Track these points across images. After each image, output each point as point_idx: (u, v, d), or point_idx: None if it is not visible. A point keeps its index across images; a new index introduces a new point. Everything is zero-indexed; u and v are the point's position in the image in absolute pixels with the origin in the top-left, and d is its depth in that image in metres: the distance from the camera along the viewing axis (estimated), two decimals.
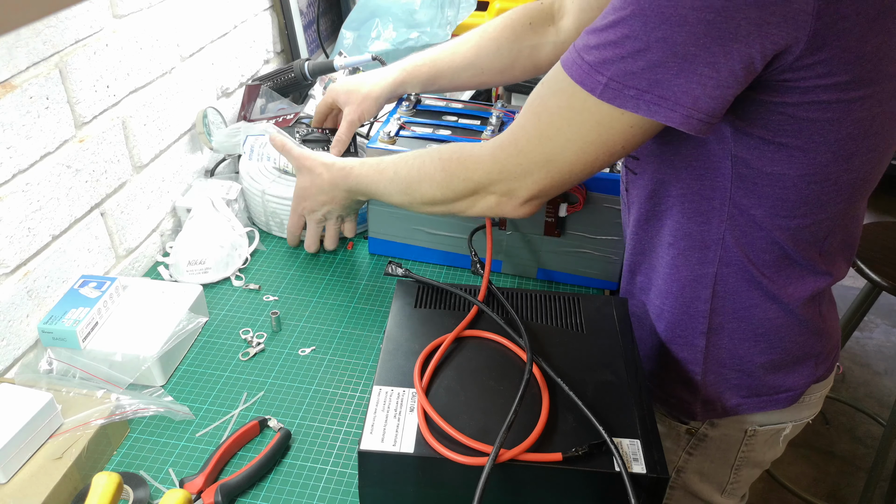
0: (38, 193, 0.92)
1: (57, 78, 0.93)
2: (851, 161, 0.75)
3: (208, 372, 0.96)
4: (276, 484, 0.81)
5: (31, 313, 0.93)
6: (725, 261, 0.84)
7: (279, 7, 1.57)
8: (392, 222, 1.17)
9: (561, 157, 0.79)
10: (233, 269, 1.14)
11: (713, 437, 0.98)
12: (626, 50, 0.67)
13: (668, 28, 0.64)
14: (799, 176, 0.76)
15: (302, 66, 1.44)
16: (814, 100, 0.70)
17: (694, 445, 1.00)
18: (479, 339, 0.86)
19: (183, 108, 1.24)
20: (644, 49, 0.66)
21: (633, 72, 0.67)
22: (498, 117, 1.17)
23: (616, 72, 0.68)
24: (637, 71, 0.67)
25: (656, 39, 0.65)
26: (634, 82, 0.68)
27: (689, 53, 0.65)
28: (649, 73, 0.67)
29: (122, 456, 0.84)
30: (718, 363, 0.91)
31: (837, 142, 0.73)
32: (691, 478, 1.03)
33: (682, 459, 1.02)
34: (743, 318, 0.88)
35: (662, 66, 0.66)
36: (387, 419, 0.75)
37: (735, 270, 0.84)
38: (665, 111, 0.68)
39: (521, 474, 0.71)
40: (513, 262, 1.16)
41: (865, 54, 0.67)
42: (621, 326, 0.89)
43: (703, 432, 0.98)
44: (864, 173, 0.78)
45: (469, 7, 1.60)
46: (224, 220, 1.16)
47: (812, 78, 0.68)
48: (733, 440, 0.98)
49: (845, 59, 0.66)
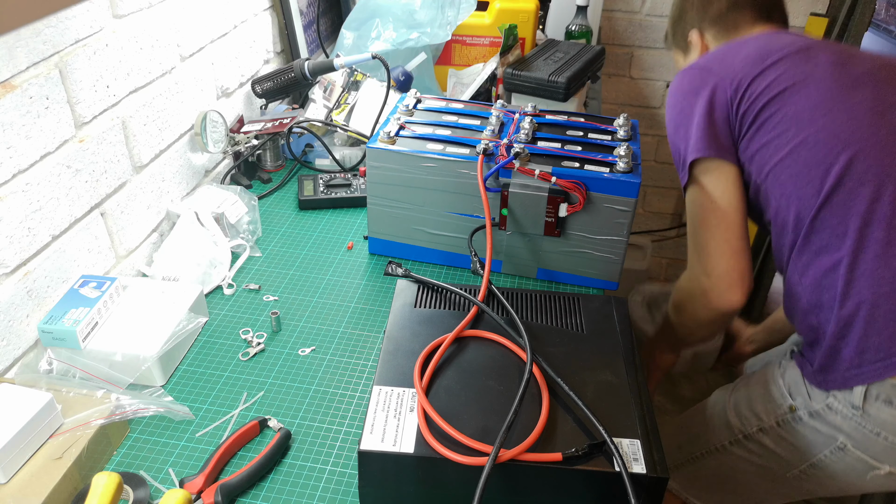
0: (38, 193, 0.92)
1: (57, 78, 0.93)
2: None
3: (208, 372, 0.96)
4: (276, 484, 0.81)
5: (31, 313, 0.93)
6: None
7: (279, 7, 1.57)
8: (392, 222, 1.17)
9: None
10: (210, 287, 1.11)
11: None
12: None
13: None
14: None
15: (302, 66, 1.44)
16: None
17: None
18: (479, 340, 0.86)
19: (183, 108, 1.24)
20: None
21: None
22: (498, 117, 1.17)
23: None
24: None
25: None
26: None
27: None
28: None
29: (122, 456, 0.84)
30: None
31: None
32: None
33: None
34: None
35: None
36: (387, 419, 0.75)
37: None
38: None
39: (521, 474, 0.71)
40: (513, 262, 1.16)
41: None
42: (621, 326, 0.89)
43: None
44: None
45: (469, 7, 1.60)
46: (207, 235, 1.14)
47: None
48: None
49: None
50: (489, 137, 1.12)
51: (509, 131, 1.15)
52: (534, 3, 1.65)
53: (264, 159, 1.44)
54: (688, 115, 1.10)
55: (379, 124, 1.44)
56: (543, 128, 1.18)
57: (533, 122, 1.16)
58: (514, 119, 1.19)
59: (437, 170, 1.09)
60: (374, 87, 1.52)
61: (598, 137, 1.16)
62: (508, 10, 1.64)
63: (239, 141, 1.38)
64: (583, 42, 1.65)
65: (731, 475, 1.20)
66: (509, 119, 1.19)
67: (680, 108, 1.12)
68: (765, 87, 1.05)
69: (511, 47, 1.56)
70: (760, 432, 1.13)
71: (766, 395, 1.13)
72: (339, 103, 1.51)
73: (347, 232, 1.28)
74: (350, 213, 1.33)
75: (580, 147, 1.12)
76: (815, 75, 1.04)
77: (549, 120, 1.21)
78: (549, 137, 1.15)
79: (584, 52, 1.53)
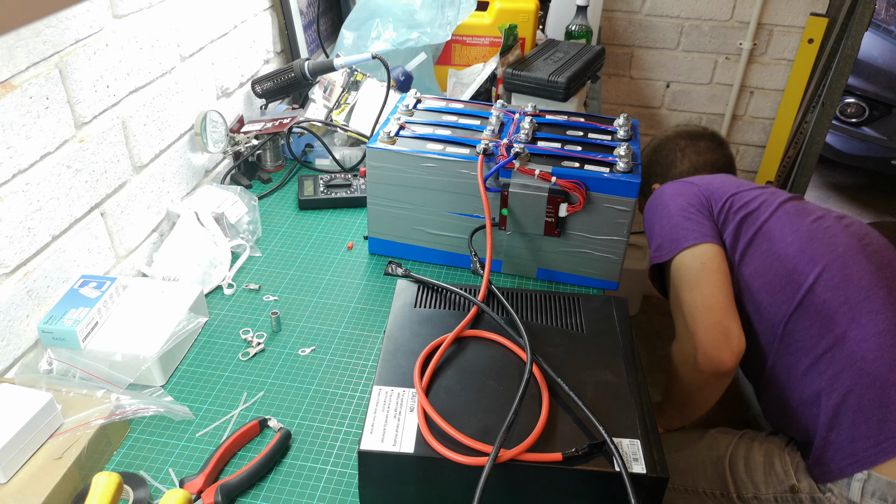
0: (38, 193, 0.92)
1: (57, 78, 0.93)
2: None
3: (208, 372, 0.96)
4: (276, 484, 0.81)
5: (31, 313, 0.93)
6: None
7: (279, 7, 1.57)
8: (392, 222, 1.17)
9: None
10: (210, 287, 1.11)
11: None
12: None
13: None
14: None
15: (302, 66, 1.44)
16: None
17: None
18: (479, 340, 0.86)
19: (183, 108, 1.24)
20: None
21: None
22: (498, 117, 1.17)
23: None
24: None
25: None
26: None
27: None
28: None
29: (122, 456, 0.84)
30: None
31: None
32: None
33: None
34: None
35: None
36: (387, 419, 0.75)
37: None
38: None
39: (521, 474, 0.71)
40: (513, 262, 1.16)
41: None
42: (621, 326, 0.89)
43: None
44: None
45: (469, 7, 1.60)
46: (207, 235, 1.14)
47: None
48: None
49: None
50: (489, 137, 1.12)
51: (509, 131, 1.15)
52: (534, 3, 1.65)
53: (264, 159, 1.44)
54: (676, 211, 1.24)
55: (379, 124, 1.44)
56: (543, 128, 1.18)
57: (533, 122, 1.16)
58: (514, 119, 1.19)
59: (437, 170, 1.09)
60: (374, 87, 1.52)
61: (598, 137, 1.16)
62: (508, 10, 1.64)
63: (239, 141, 1.38)
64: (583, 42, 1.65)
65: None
66: (509, 119, 1.19)
67: (664, 206, 1.27)
68: (742, 203, 1.23)
69: (511, 47, 1.56)
70: (755, 500, 1.14)
71: (768, 467, 1.14)
72: (339, 103, 1.51)
73: (347, 232, 1.28)
74: (350, 213, 1.33)
75: (580, 147, 1.12)
76: (779, 203, 1.22)
77: (549, 120, 1.21)
78: (549, 137, 1.15)
79: (584, 52, 1.53)
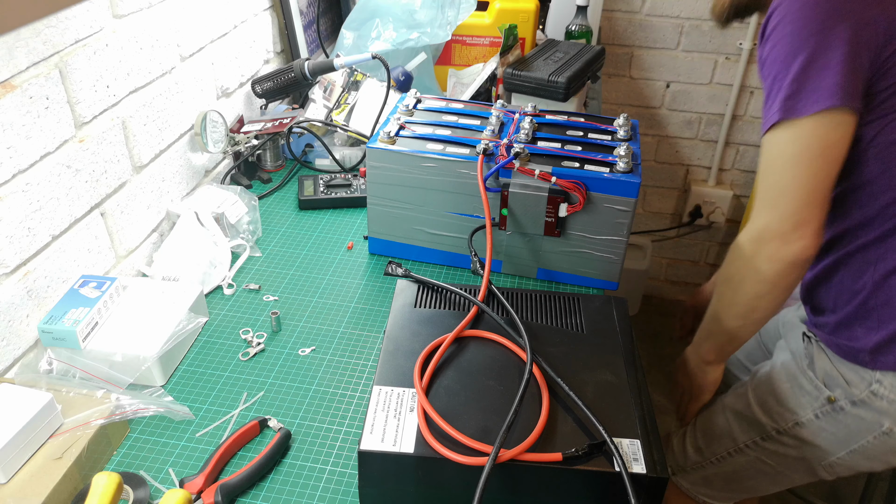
0: (38, 193, 0.92)
1: (57, 78, 0.93)
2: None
3: (208, 372, 0.96)
4: (276, 484, 0.81)
5: (31, 313, 0.93)
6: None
7: (279, 7, 1.57)
8: (392, 222, 1.17)
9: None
10: (210, 287, 1.11)
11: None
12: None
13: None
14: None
15: (302, 66, 1.44)
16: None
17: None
18: (479, 340, 0.86)
19: (183, 108, 1.24)
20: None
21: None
22: (498, 117, 1.17)
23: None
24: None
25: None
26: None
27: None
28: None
29: (122, 456, 0.84)
30: None
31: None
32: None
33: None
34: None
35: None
36: (387, 419, 0.75)
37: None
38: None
39: (521, 474, 0.72)
40: (513, 262, 1.16)
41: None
42: (621, 326, 0.89)
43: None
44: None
45: (469, 7, 1.60)
46: (207, 235, 1.14)
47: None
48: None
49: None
50: (489, 137, 1.12)
51: (509, 131, 1.15)
52: (534, 3, 1.65)
53: (264, 159, 1.44)
54: (815, 49, 0.92)
55: (379, 124, 1.44)
56: (543, 128, 1.18)
57: (533, 122, 1.16)
58: (514, 119, 1.19)
59: (437, 170, 1.09)
60: (374, 87, 1.52)
61: (598, 137, 1.16)
62: (508, 10, 1.64)
63: (239, 141, 1.38)
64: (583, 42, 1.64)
65: (760, 470, 1.19)
66: (509, 119, 1.19)
67: (803, 38, 0.93)
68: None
69: (511, 47, 1.56)
70: (797, 426, 1.12)
71: (796, 388, 1.12)
72: (339, 103, 1.51)
73: (347, 232, 1.28)
74: (350, 213, 1.33)
75: (580, 147, 1.12)
76: None
77: (549, 120, 1.21)
78: (549, 137, 1.15)
79: (584, 52, 1.53)
